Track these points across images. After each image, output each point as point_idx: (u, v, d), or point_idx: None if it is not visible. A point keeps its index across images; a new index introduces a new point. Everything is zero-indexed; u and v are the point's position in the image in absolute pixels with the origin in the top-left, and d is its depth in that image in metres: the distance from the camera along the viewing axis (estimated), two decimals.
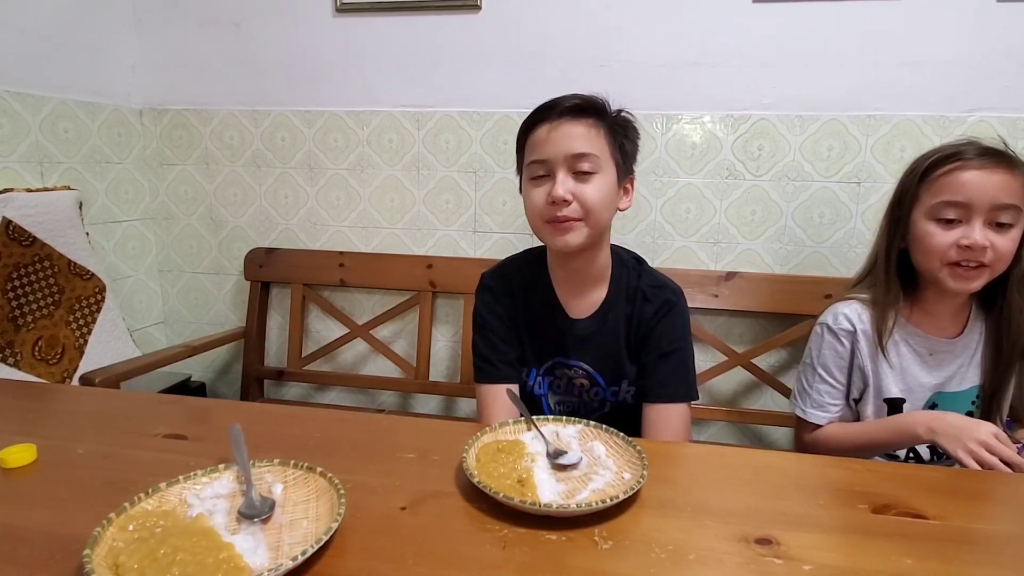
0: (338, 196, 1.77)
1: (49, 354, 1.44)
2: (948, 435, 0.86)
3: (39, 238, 1.41)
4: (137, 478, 0.66)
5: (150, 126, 1.82)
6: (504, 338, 1.00)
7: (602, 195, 0.88)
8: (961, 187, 0.87)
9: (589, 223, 0.88)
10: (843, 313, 1.00)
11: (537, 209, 0.90)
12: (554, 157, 0.87)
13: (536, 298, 1.00)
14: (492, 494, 0.61)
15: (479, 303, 1.02)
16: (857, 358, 0.99)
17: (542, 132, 0.89)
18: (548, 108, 0.90)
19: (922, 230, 0.91)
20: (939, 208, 0.89)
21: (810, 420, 1.02)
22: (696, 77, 1.53)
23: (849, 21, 1.44)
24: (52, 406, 0.92)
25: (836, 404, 1.01)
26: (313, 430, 0.82)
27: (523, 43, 1.60)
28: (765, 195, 1.55)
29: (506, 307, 1.01)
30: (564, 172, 0.87)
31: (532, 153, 0.90)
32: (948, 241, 0.88)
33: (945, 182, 0.89)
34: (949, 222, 0.88)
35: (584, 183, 0.87)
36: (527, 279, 1.01)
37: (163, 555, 0.51)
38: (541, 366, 1.01)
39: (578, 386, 1.00)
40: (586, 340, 0.97)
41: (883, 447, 0.97)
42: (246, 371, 1.81)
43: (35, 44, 1.51)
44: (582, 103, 0.89)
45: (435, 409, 1.85)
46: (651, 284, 0.98)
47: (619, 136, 0.91)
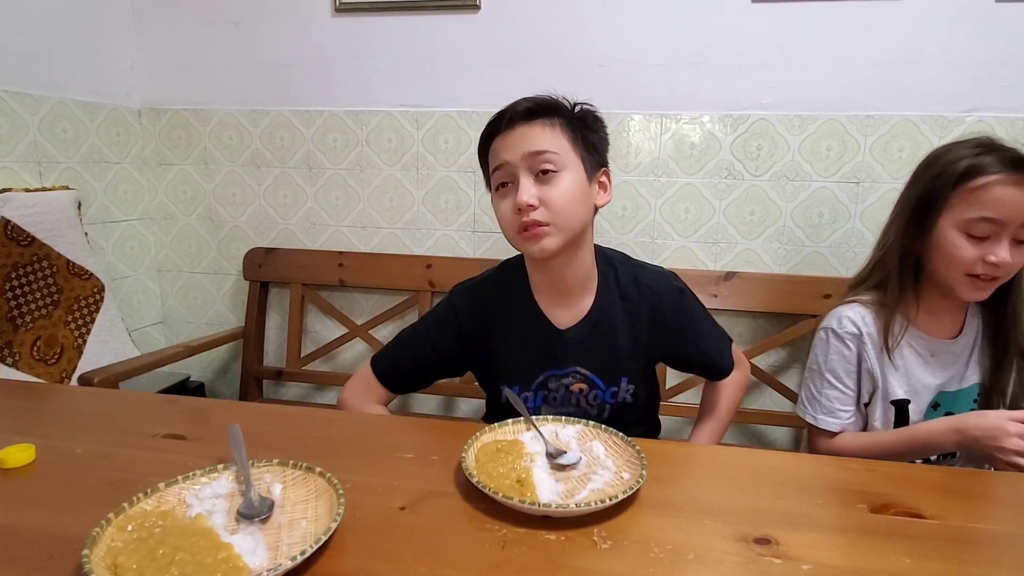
0: (337, 196, 1.77)
1: (48, 354, 1.44)
2: (977, 448, 0.85)
3: (38, 238, 1.41)
4: (136, 478, 0.66)
5: (149, 126, 1.82)
6: (421, 365, 1.00)
7: (569, 195, 0.84)
8: (998, 204, 0.84)
9: (559, 226, 0.84)
10: (847, 316, 0.99)
11: (507, 220, 0.87)
12: (512, 159, 0.84)
13: (517, 314, 0.95)
14: (491, 494, 0.61)
15: (434, 314, 1.01)
16: (865, 361, 0.98)
17: (498, 140, 0.87)
18: (500, 117, 0.87)
19: (950, 241, 0.88)
20: (973, 223, 0.86)
21: (821, 427, 1.00)
22: (695, 77, 1.53)
23: (848, 21, 1.44)
24: (51, 406, 0.91)
25: (847, 410, 0.99)
26: (312, 430, 0.82)
27: (522, 43, 1.60)
28: (764, 195, 1.55)
29: (458, 342, 0.97)
30: (526, 175, 0.84)
31: (492, 161, 0.88)
32: (975, 255, 0.86)
33: (982, 197, 0.85)
34: (978, 236, 0.86)
35: (548, 184, 0.83)
36: (504, 297, 0.97)
37: (162, 555, 0.51)
38: (531, 383, 0.96)
39: (576, 392, 0.96)
40: (578, 346, 0.94)
41: (903, 459, 0.93)
42: (245, 371, 1.81)
43: (34, 43, 1.51)
44: (532, 105, 0.86)
45: (434, 409, 1.85)
46: (651, 278, 0.96)
47: (580, 130, 0.87)
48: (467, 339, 0.97)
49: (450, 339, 0.98)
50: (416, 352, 0.99)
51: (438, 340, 0.98)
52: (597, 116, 0.91)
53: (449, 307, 0.99)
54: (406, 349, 1.01)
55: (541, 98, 0.88)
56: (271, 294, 1.85)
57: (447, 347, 0.98)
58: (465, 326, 0.97)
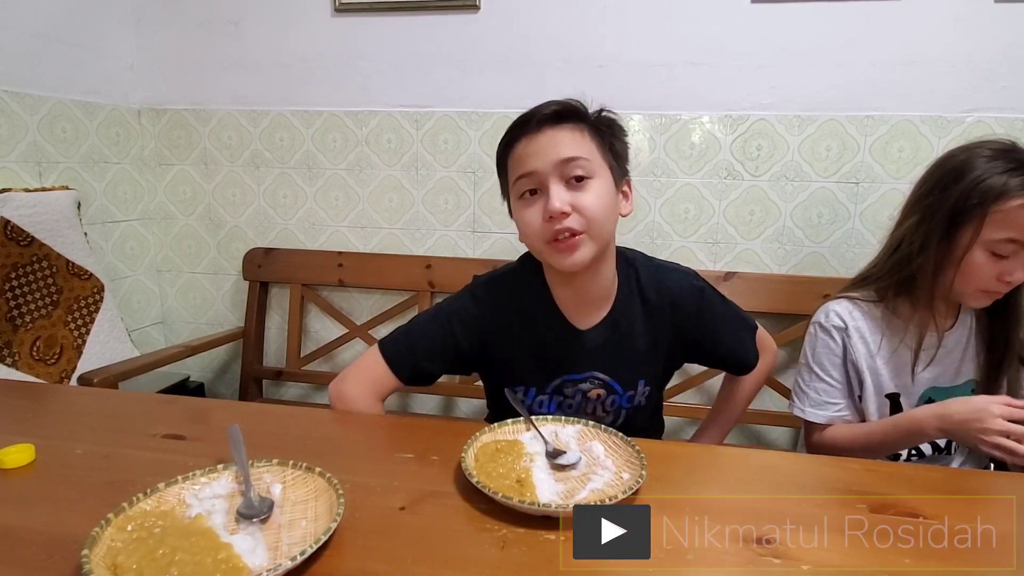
0: (337, 196, 1.77)
1: (47, 354, 1.44)
2: (959, 433, 0.84)
3: (37, 238, 1.41)
4: (135, 478, 0.66)
5: (148, 126, 1.82)
6: (439, 355, 0.93)
7: (602, 202, 0.80)
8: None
9: (593, 235, 0.80)
10: (834, 310, 1.00)
11: (535, 230, 0.81)
12: (542, 167, 0.79)
13: (536, 313, 0.92)
14: (491, 494, 0.61)
15: (458, 303, 0.95)
16: (850, 354, 0.98)
17: (522, 146, 0.82)
18: (524, 121, 0.82)
19: (976, 259, 0.86)
20: (1000, 244, 0.85)
21: (810, 419, 1.01)
22: (694, 77, 1.53)
23: (848, 21, 1.44)
24: (50, 406, 0.91)
25: (836, 403, 1.00)
26: (312, 430, 0.82)
27: (522, 43, 1.60)
28: (764, 195, 1.55)
29: (479, 337, 0.92)
30: (556, 182, 0.79)
31: (517, 169, 0.83)
32: (995, 273, 0.86)
33: (1015, 219, 0.83)
34: (1001, 255, 0.86)
35: (580, 191, 0.79)
36: (525, 295, 0.93)
37: (161, 555, 0.51)
38: (546, 386, 0.93)
39: (593, 398, 0.93)
40: (598, 349, 0.91)
41: (892, 448, 0.96)
42: (245, 371, 1.81)
43: (33, 43, 1.51)
44: (560, 108, 0.82)
45: (434, 409, 1.85)
46: (672, 278, 0.94)
47: (607, 136, 0.84)
48: (490, 338, 0.93)
49: (475, 337, 0.93)
50: (435, 339, 0.92)
51: (463, 337, 0.92)
52: (620, 124, 0.87)
53: (474, 299, 0.94)
54: (424, 336, 0.93)
55: (568, 102, 0.83)
56: (271, 294, 1.85)
57: (471, 345, 0.93)
58: (489, 324, 0.93)
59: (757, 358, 1.02)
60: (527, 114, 0.83)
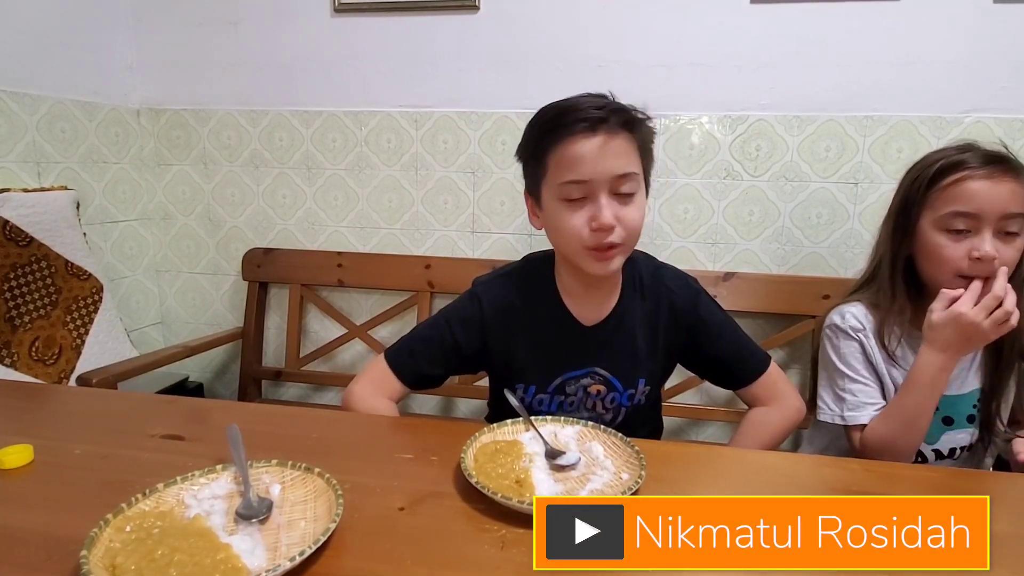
0: (336, 196, 1.77)
1: (46, 354, 1.44)
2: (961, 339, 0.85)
3: (36, 238, 1.41)
4: (134, 479, 0.65)
5: (148, 126, 1.82)
6: (441, 360, 0.94)
7: (642, 217, 0.83)
8: (971, 197, 0.86)
9: (628, 246, 0.83)
10: (849, 312, 0.99)
11: (577, 235, 0.81)
12: (598, 180, 0.79)
13: (541, 311, 0.93)
14: (490, 494, 0.61)
15: (458, 306, 0.96)
16: (869, 354, 0.98)
17: (575, 147, 0.79)
18: (576, 117, 0.79)
19: (932, 241, 0.90)
20: (949, 219, 0.87)
21: (851, 423, 0.96)
22: (694, 77, 1.53)
23: (846, 22, 1.44)
24: (49, 406, 0.91)
25: (874, 402, 0.96)
26: (311, 430, 0.81)
27: (521, 43, 1.60)
28: (763, 195, 1.56)
29: (481, 338, 0.94)
30: (606, 195, 0.80)
31: (567, 171, 0.80)
32: (960, 253, 0.87)
33: (954, 192, 0.87)
34: (959, 232, 0.87)
35: (626, 206, 0.81)
36: (529, 293, 0.94)
37: (160, 556, 0.51)
38: (548, 384, 0.94)
39: (594, 394, 0.94)
40: (602, 345, 0.92)
41: (924, 405, 0.90)
42: (244, 371, 1.80)
43: (32, 43, 1.51)
44: (616, 113, 0.80)
45: (433, 409, 1.85)
46: (670, 276, 0.96)
47: (647, 147, 0.85)
48: (489, 335, 0.94)
49: (474, 335, 0.94)
50: (436, 346, 0.94)
51: (462, 336, 0.93)
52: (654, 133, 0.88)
53: (473, 301, 0.95)
54: (425, 343, 0.95)
55: (626, 107, 0.82)
56: (270, 294, 1.85)
57: (470, 343, 0.94)
58: (488, 322, 0.94)
59: (762, 363, 0.97)
60: (581, 110, 0.80)
